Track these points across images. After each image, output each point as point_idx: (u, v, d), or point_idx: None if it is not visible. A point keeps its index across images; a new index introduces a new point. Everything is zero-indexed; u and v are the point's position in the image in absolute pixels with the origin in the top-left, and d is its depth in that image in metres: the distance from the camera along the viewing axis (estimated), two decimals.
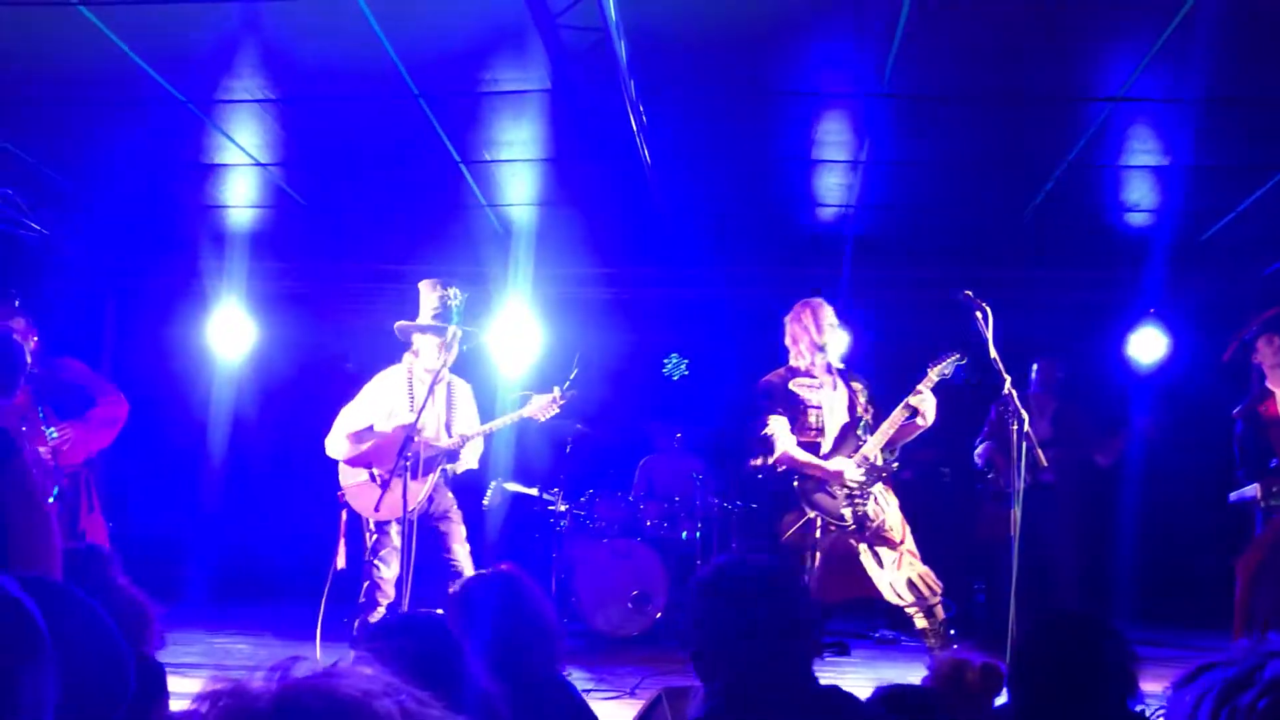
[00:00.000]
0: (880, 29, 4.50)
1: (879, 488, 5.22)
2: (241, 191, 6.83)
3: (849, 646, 6.63)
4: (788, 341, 5.46)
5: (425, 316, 5.38)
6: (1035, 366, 6.80)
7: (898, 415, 5.11)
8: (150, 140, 5.94)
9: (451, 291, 5.35)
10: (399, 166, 6.28)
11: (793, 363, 5.40)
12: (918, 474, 7.18)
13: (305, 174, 6.56)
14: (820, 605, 6.33)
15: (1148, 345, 7.59)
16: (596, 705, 4.80)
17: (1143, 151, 5.86)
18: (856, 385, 5.39)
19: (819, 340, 5.31)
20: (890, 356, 6.72)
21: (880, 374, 5.99)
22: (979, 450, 6.77)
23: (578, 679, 5.29)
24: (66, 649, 1.05)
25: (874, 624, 7.05)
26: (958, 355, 5.13)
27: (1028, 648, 2.19)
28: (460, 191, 6.58)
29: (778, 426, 5.26)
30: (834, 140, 5.81)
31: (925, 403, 5.08)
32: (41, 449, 4.86)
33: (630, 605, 6.33)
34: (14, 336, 4.28)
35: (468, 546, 5.39)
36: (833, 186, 6.46)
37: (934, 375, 5.10)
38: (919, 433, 5.27)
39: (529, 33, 4.56)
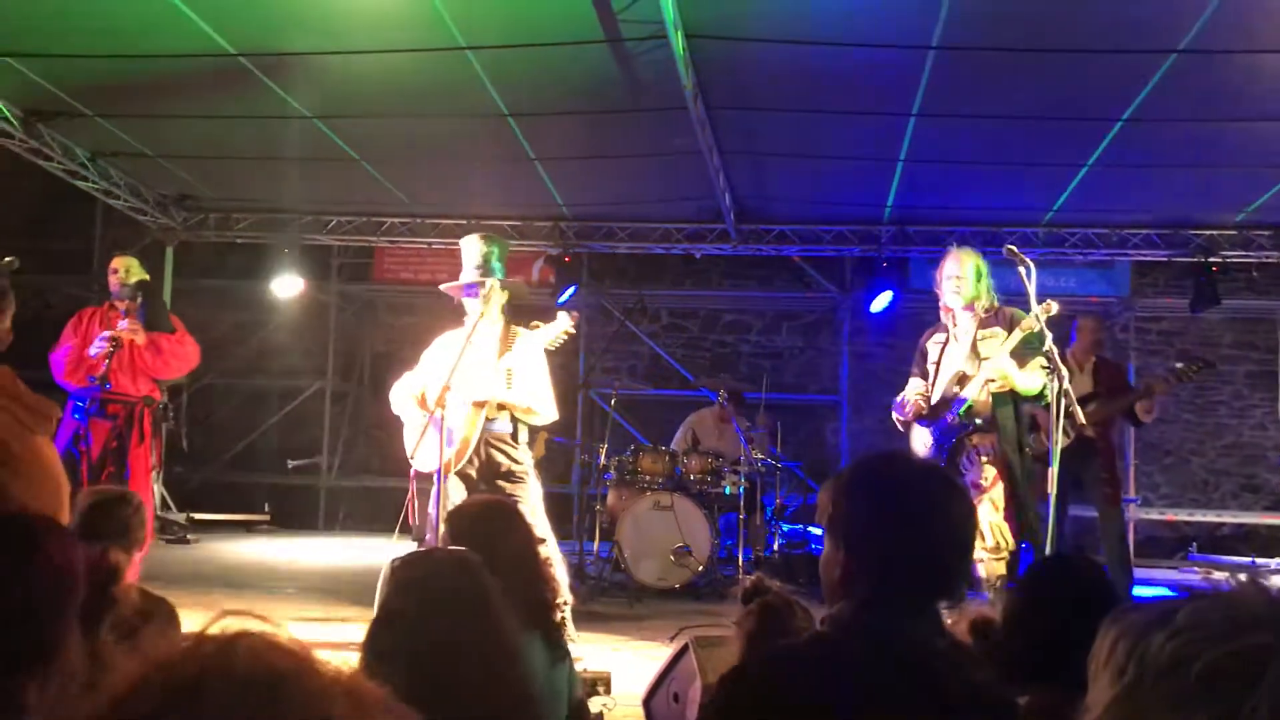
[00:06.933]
0: None
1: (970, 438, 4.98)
2: (292, 144, 6.89)
3: None
4: None
5: (467, 272, 5.11)
6: (1075, 324, 6.63)
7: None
8: (205, 94, 6.01)
9: (492, 242, 5.08)
10: (447, 119, 6.28)
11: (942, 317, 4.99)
12: None
13: (355, 126, 6.58)
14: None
15: None
16: (634, 655, 4.88)
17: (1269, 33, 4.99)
18: (984, 334, 4.83)
19: (939, 293, 4.88)
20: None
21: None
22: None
23: (619, 629, 5.37)
24: None
25: None
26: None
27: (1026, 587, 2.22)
28: (507, 144, 6.57)
29: (908, 389, 4.99)
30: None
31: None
32: (109, 332, 5.09)
33: (672, 557, 6.38)
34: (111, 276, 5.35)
35: (536, 511, 4.50)
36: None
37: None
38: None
39: None
